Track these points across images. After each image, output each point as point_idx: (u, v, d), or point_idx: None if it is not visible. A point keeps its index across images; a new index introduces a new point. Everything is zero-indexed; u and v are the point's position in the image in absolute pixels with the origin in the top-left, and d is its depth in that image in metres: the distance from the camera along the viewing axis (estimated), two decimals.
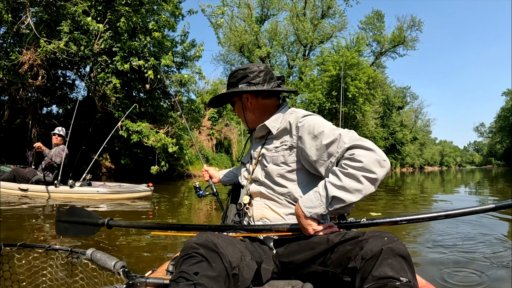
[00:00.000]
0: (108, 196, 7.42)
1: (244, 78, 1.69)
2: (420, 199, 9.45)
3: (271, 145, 1.63)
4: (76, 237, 3.47)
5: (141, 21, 11.61)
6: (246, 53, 32.18)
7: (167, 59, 11.62)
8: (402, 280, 0.96)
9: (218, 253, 1.10)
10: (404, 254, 1.03)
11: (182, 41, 13.49)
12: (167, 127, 12.54)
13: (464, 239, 4.12)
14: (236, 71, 1.73)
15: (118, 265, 1.43)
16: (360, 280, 1.04)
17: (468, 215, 1.27)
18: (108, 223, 1.87)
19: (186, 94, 14.07)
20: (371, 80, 29.66)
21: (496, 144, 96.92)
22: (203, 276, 1.02)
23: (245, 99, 1.72)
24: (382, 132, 44.75)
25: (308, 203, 1.32)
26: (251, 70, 1.69)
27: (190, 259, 1.08)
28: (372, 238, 1.10)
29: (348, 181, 1.25)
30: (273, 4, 32.74)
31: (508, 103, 77.18)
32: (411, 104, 65.01)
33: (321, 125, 1.46)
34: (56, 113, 15.85)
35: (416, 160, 67.56)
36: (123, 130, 11.39)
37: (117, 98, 11.72)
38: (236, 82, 1.71)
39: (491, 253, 3.47)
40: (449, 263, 3.12)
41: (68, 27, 10.36)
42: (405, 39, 39.38)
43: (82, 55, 10.95)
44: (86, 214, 2.01)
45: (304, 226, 1.33)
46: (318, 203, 1.29)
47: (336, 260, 1.19)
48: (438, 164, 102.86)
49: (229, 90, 1.72)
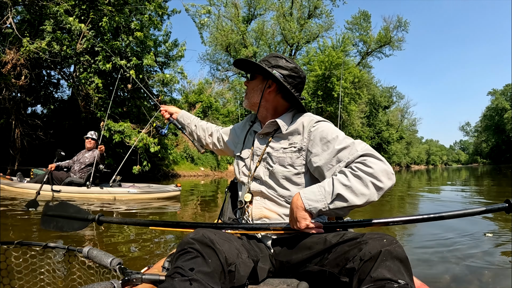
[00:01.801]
0: (138, 196, 7.63)
1: (283, 70, 1.62)
2: (409, 197, 9.54)
3: (278, 144, 1.60)
4: (62, 232, 3.46)
5: (123, 21, 11.59)
6: (232, 52, 32.23)
7: (149, 59, 11.64)
8: (400, 283, 0.97)
9: (214, 249, 1.10)
10: (402, 257, 1.04)
11: (165, 41, 13.48)
12: (149, 127, 12.54)
13: (457, 237, 4.13)
14: (281, 58, 1.65)
15: (114, 262, 1.43)
16: (358, 281, 1.05)
17: (461, 217, 1.32)
18: (99, 219, 1.84)
19: (169, 94, 14.08)
20: (356, 80, 29.89)
21: (481, 142, 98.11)
22: (198, 272, 1.02)
23: (267, 86, 1.66)
24: (368, 132, 45.13)
25: (310, 195, 1.28)
26: (295, 71, 1.64)
27: (186, 255, 1.08)
28: (371, 240, 1.11)
29: (356, 182, 1.24)
30: (260, 4, 32.75)
31: (494, 102, 78.34)
32: (397, 104, 65.68)
33: (335, 131, 1.46)
34: (40, 113, 15.75)
35: (403, 159, 68.09)
36: (105, 130, 11.38)
37: (99, 98, 11.71)
38: (273, 65, 1.63)
39: (485, 251, 3.50)
40: (442, 263, 3.13)
41: (51, 26, 10.33)
42: (391, 40, 39.78)
43: (64, 55, 10.92)
44: (75, 209, 1.98)
45: (298, 218, 1.29)
46: (321, 197, 1.27)
47: (333, 260, 1.19)
48: (424, 162, 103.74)
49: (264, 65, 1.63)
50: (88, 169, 7.53)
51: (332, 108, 29.07)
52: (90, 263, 1.59)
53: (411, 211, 6.79)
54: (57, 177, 7.39)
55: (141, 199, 7.64)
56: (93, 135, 7.78)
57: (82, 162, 7.61)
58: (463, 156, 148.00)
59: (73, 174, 7.57)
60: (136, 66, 11.52)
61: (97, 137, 7.83)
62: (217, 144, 2.09)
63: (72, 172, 7.61)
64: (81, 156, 7.69)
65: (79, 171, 7.57)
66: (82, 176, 7.51)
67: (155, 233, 4.13)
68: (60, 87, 15.82)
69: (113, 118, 11.91)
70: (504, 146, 78.71)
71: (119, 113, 12.26)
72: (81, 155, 7.71)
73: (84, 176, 7.49)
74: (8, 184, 7.95)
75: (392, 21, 40.10)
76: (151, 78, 12.59)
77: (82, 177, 7.48)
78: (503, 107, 73.94)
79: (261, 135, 1.70)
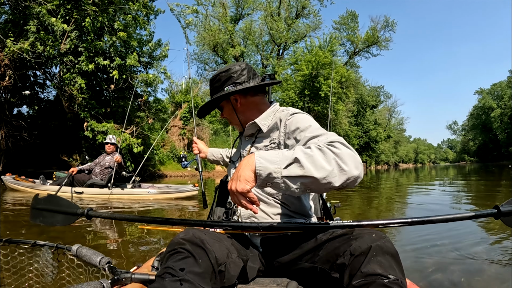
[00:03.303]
0: (158, 196, 7.94)
1: (229, 80, 1.63)
2: (397, 197, 9.44)
3: (261, 143, 1.60)
4: (51, 226, 3.41)
5: (107, 21, 11.57)
6: (220, 52, 32.21)
7: (132, 59, 11.63)
8: (390, 278, 0.96)
9: (205, 249, 1.09)
10: (393, 252, 1.03)
11: (148, 41, 13.47)
12: (132, 127, 12.54)
13: (446, 239, 4.14)
14: (218, 75, 1.67)
15: (103, 261, 1.42)
16: (349, 276, 1.03)
17: (450, 221, 1.28)
18: (88, 213, 1.75)
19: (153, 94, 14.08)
20: (343, 80, 30.05)
21: (469, 141, 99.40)
22: (189, 272, 1.01)
23: (234, 101, 1.66)
24: (356, 131, 45.45)
25: (266, 155, 1.13)
26: (234, 70, 1.64)
27: (176, 255, 1.07)
28: (361, 235, 1.09)
29: (319, 155, 1.11)
30: (248, 4, 32.75)
31: (481, 101, 79.30)
32: (385, 103, 66.35)
33: (309, 121, 1.43)
34: (26, 114, 15.62)
35: (391, 157, 68.62)
36: (88, 131, 11.38)
37: (83, 98, 11.68)
38: (221, 86, 1.64)
39: (479, 252, 3.51)
40: (433, 264, 3.13)
41: (35, 26, 10.29)
42: (379, 39, 40.18)
43: (47, 55, 10.89)
44: (65, 203, 1.88)
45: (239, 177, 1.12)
46: (277, 159, 1.11)
47: (324, 257, 1.17)
48: (412, 161, 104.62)
49: (216, 95, 1.65)
50: (108, 171, 7.86)
51: (319, 108, 29.22)
52: (79, 261, 1.57)
53: (400, 211, 6.74)
54: (79, 179, 7.80)
55: (160, 199, 7.92)
56: (111, 139, 8.09)
57: (103, 165, 7.97)
58: (450, 154, 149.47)
59: (94, 176, 7.93)
60: (120, 66, 11.50)
61: (115, 141, 8.17)
62: None
63: (93, 174, 7.97)
64: (102, 159, 8.04)
65: (100, 173, 7.93)
66: (103, 178, 7.84)
67: (145, 231, 4.17)
68: (46, 88, 15.72)
69: (97, 119, 11.89)
70: (491, 144, 79.72)
71: (103, 113, 12.22)
72: (102, 158, 8.07)
73: (105, 178, 7.81)
74: (31, 186, 8.33)
75: (379, 21, 40.63)
76: (135, 78, 12.57)
77: (103, 178, 7.82)
78: (490, 106, 74.81)
79: (247, 137, 1.71)
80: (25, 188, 8.43)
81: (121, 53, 12.13)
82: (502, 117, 67.95)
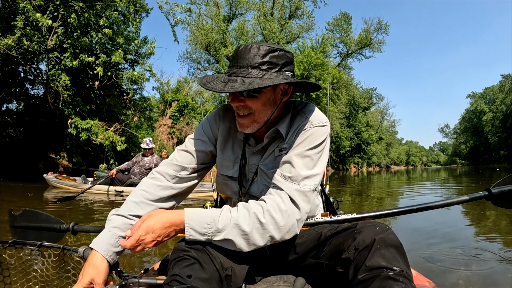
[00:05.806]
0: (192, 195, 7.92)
1: (290, 64, 1.27)
2: (388, 196, 9.68)
3: (271, 155, 1.37)
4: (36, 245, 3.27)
5: (93, 17, 11.48)
6: (212, 51, 32.16)
7: (117, 56, 11.54)
8: (395, 270, 0.96)
9: (209, 254, 1.08)
10: (397, 244, 1.03)
11: (133, 38, 13.37)
12: (116, 125, 12.47)
13: (449, 229, 4.26)
14: (277, 50, 1.22)
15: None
16: (354, 270, 1.03)
17: (446, 206, 1.35)
18: (73, 228, 1.69)
19: (139, 91, 14.03)
20: (335, 81, 30.15)
21: (460, 144, 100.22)
22: (196, 279, 1.00)
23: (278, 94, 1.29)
24: (347, 132, 45.67)
25: (195, 225, 1.10)
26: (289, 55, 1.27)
27: (182, 262, 1.05)
28: (364, 229, 1.09)
29: (256, 231, 1.11)
30: (241, 3, 32.62)
31: (473, 105, 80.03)
32: (377, 105, 66.51)
33: (318, 140, 1.27)
34: (14, 110, 15.44)
35: (383, 159, 69.11)
36: (72, 128, 11.30)
37: (68, 95, 11.58)
38: (282, 66, 1.23)
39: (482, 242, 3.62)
40: (437, 253, 3.19)
41: (22, 22, 10.19)
42: (372, 42, 40.32)
43: (33, 51, 10.80)
44: (43, 217, 1.78)
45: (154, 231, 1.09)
46: (208, 231, 1.10)
47: (329, 252, 1.17)
48: (404, 163, 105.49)
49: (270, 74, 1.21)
50: (147, 171, 8.00)
51: None
52: None
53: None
54: (119, 179, 8.16)
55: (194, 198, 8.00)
56: (149, 144, 8.19)
57: (142, 165, 8.24)
58: (442, 157, 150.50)
59: (133, 175, 8.20)
60: (105, 63, 11.43)
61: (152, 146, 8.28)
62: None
63: (132, 174, 8.25)
64: (140, 159, 8.30)
65: (139, 173, 8.20)
66: (142, 177, 7.88)
67: None
68: (36, 84, 15.57)
69: (81, 116, 11.81)
70: (482, 148, 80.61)
71: (88, 110, 12.14)
72: (140, 157, 8.34)
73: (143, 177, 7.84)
74: (73, 185, 8.84)
75: (372, 23, 40.64)
76: (120, 75, 12.49)
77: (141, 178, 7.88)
78: (481, 110, 75.59)
79: (255, 148, 1.41)
80: (67, 186, 8.86)
81: (107, 50, 12.03)
82: (494, 121, 68.73)
